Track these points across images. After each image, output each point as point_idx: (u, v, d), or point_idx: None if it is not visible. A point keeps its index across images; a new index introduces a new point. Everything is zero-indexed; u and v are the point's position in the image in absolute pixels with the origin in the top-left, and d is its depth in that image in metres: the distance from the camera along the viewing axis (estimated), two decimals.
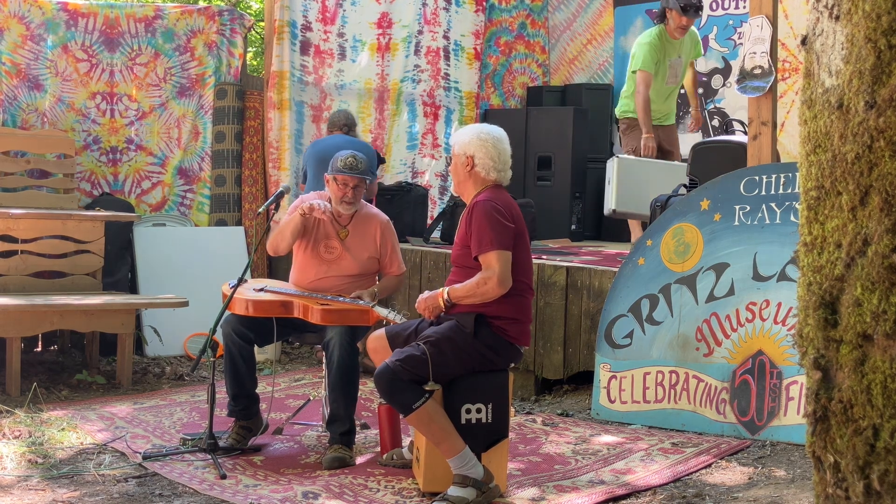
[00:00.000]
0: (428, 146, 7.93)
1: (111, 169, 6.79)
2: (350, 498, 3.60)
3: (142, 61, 6.83)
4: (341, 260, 4.41)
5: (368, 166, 4.49)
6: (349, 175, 4.30)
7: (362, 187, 4.40)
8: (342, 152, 4.40)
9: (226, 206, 7.08)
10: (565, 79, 8.67)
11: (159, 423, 4.72)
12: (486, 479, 3.52)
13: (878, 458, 1.48)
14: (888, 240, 1.46)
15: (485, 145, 3.70)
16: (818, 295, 1.60)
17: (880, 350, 1.47)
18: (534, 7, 8.65)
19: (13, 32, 6.42)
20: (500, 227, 3.57)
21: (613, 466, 3.97)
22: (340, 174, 4.31)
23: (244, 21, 7.28)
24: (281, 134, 7.13)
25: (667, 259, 4.75)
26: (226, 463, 4.02)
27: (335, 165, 4.33)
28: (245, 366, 4.21)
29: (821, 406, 1.59)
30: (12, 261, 5.83)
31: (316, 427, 4.59)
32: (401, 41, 7.73)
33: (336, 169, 4.32)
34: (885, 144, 1.46)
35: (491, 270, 3.53)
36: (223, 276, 4.94)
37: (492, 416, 3.59)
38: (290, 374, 5.99)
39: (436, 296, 3.67)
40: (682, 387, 4.56)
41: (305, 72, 7.34)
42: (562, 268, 5.32)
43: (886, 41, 1.45)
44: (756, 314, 4.42)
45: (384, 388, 3.54)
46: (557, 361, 5.28)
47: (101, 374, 5.68)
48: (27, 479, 3.82)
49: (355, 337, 4.16)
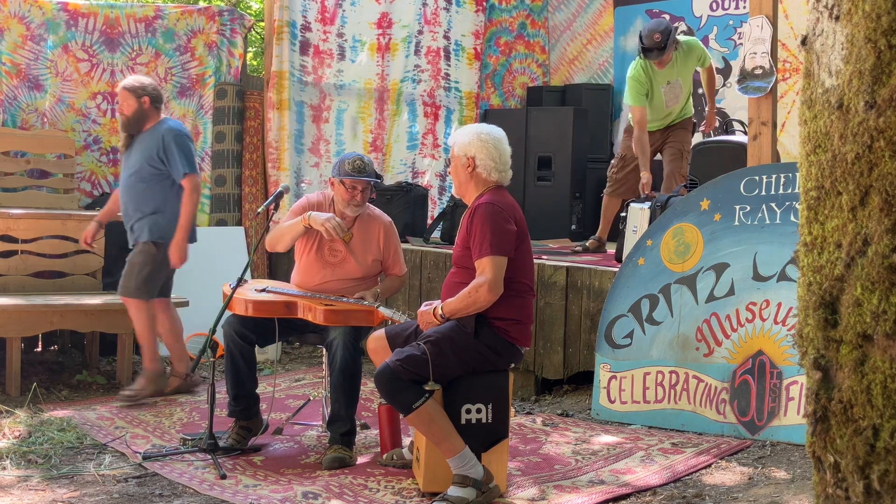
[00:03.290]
0: (428, 146, 7.94)
1: (111, 169, 6.79)
2: (350, 498, 3.60)
3: (142, 61, 6.83)
4: (346, 263, 4.40)
5: (374, 168, 4.48)
6: (358, 178, 4.29)
7: (369, 190, 4.39)
8: (348, 154, 4.39)
9: (226, 206, 7.08)
10: (565, 79, 8.67)
11: (159, 423, 4.72)
12: (486, 479, 3.52)
13: (878, 458, 1.48)
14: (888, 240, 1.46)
15: (486, 146, 3.69)
16: (818, 295, 1.60)
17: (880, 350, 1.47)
18: (534, 7, 8.65)
19: (13, 32, 6.42)
20: (501, 231, 3.56)
21: (613, 466, 3.97)
22: (349, 178, 4.28)
23: (244, 21, 7.28)
24: (280, 134, 7.13)
25: (667, 259, 4.75)
26: (226, 463, 4.03)
27: (343, 168, 4.29)
28: (246, 366, 4.21)
29: (821, 406, 1.59)
30: (12, 261, 5.83)
31: (316, 427, 4.59)
32: (401, 41, 7.73)
33: (344, 172, 4.28)
34: (885, 144, 1.46)
35: (483, 277, 3.53)
36: (223, 276, 4.94)
37: (492, 416, 3.59)
38: (291, 375, 5.99)
39: (430, 313, 3.67)
40: (682, 387, 4.56)
41: (305, 72, 7.34)
42: (562, 268, 5.32)
43: (886, 41, 1.45)
44: (756, 314, 4.42)
45: (384, 388, 3.54)
46: (557, 361, 5.28)
47: (102, 374, 5.68)
48: (27, 479, 3.82)
49: (358, 338, 4.15)
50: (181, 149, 5.09)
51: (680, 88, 6.14)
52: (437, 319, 3.64)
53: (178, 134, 5.12)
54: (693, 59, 6.15)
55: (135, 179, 5.13)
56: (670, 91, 6.11)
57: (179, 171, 5.06)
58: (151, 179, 5.11)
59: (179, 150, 5.08)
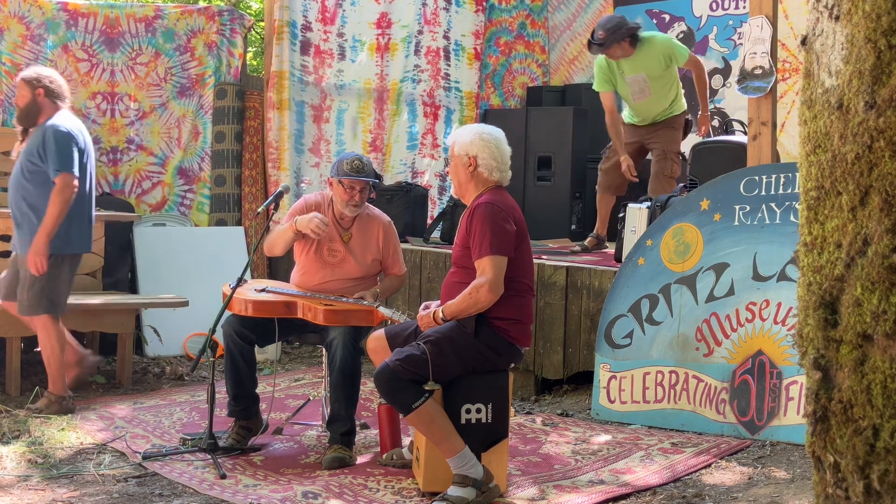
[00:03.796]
0: (428, 146, 7.94)
1: (111, 169, 6.79)
2: (350, 498, 3.60)
3: (142, 61, 6.83)
4: (345, 263, 4.40)
5: (373, 168, 4.48)
6: (356, 178, 4.29)
7: (368, 190, 4.39)
8: (347, 154, 4.39)
9: (226, 205, 7.08)
10: (565, 79, 8.67)
11: (159, 423, 4.72)
12: (486, 479, 3.52)
13: (878, 458, 1.48)
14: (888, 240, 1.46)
15: (488, 146, 3.70)
16: (818, 295, 1.60)
17: (880, 350, 1.47)
18: (534, 7, 8.65)
19: (13, 32, 6.42)
20: (500, 231, 3.56)
21: (613, 466, 3.97)
22: (347, 178, 4.28)
23: (244, 21, 7.28)
24: (281, 134, 7.14)
25: (667, 259, 4.75)
26: (225, 463, 4.02)
27: (341, 169, 4.29)
28: (245, 366, 4.21)
29: (821, 406, 1.59)
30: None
31: (316, 427, 4.59)
32: (400, 41, 7.73)
33: (343, 172, 4.29)
34: (885, 145, 1.46)
35: (484, 277, 3.53)
36: (223, 276, 4.95)
37: (492, 416, 3.59)
38: (290, 375, 5.99)
39: (430, 316, 3.67)
40: (682, 387, 4.56)
41: (305, 72, 7.34)
42: (562, 268, 5.32)
43: (886, 41, 1.45)
44: (756, 314, 4.42)
45: (384, 388, 3.54)
46: (557, 361, 5.28)
47: (101, 374, 5.68)
48: (27, 478, 3.82)
49: (358, 337, 4.15)
50: (59, 146, 4.73)
51: (645, 83, 6.00)
52: (437, 323, 3.64)
53: (58, 130, 4.75)
54: (656, 56, 5.93)
55: (18, 175, 4.83)
56: (634, 84, 6.02)
57: (53, 168, 4.71)
58: (31, 176, 4.79)
59: (57, 147, 4.72)
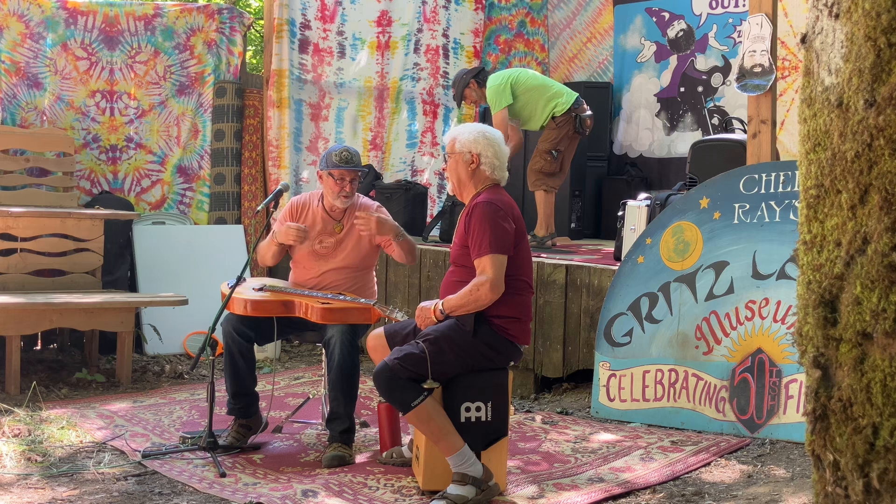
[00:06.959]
0: (427, 144, 7.94)
1: (111, 167, 6.79)
2: (349, 496, 3.60)
3: (141, 59, 6.83)
4: (339, 254, 4.42)
5: (360, 160, 4.51)
6: (346, 169, 4.32)
7: (357, 181, 4.42)
8: (335, 147, 4.43)
9: (225, 204, 7.08)
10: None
11: (159, 422, 4.72)
12: (486, 478, 3.52)
13: (878, 456, 1.48)
14: (888, 238, 1.46)
15: (491, 144, 3.73)
16: (818, 293, 1.59)
17: (880, 348, 1.47)
18: (533, 5, 8.64)
19: (12, 30, 6.42)
20: (500, 230, 3.56)
21: (613, 464, 3.97)
22: (336, 169, 4.32)
23: (243, 19, 7.28)
24: (280, 132, 7.13)
25: (666, 257, 4.75)
26: (225, 461, 4.03)
27: (330, 160, 4.34)
28: (245, 364, 4.21)
29: (820, 404, 1.59)
30: (12, 259, 5.83)
31: (315, 425, 4.60)
32: (400, 39, 7.73)
33: (332, 164, 4.33)
34: (885, 143, 1.46)
35: (485, 276, 3.53)
36: (223, 274, 4.95)
37: (491, 414, 3.59)
38: (290, 373, 5.99)
39: (429, 310, 3.67)
40: (682, 385, 4.56)
41: (304, 70, 7.34)
42: (561, 266, 5.32)
43: (886, 39, 1.45)
44: (755, 312, 4.42)
45: (383, 386, 3.54)
46: (557, 360, 5.28)
47: (101, 373, 5.68)
48: (27, 477, 3.82)
49: (356, 335, 4.16)
50: None
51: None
52: (435, 317, 3.64)
53: None
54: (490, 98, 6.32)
55: None
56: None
57: None
58: None
59: None
